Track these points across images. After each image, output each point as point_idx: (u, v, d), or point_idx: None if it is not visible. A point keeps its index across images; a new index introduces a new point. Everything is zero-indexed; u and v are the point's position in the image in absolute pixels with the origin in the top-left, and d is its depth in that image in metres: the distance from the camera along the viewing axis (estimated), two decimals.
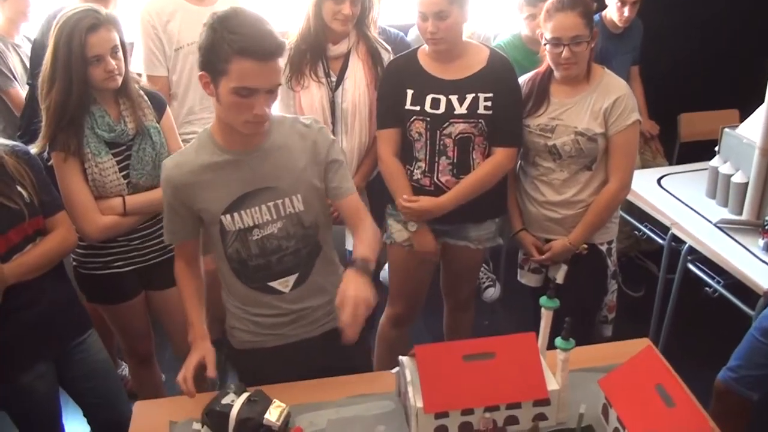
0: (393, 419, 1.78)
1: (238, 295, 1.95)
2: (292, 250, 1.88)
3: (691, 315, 3.46)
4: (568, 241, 2.55)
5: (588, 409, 1.73)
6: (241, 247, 1.86)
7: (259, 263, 1.87)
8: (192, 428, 1.76)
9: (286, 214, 1.84)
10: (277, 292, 1.91)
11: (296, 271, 1.91)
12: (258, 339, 1.98)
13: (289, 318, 1.95)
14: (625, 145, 2.46)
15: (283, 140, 1.83)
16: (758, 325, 2.34)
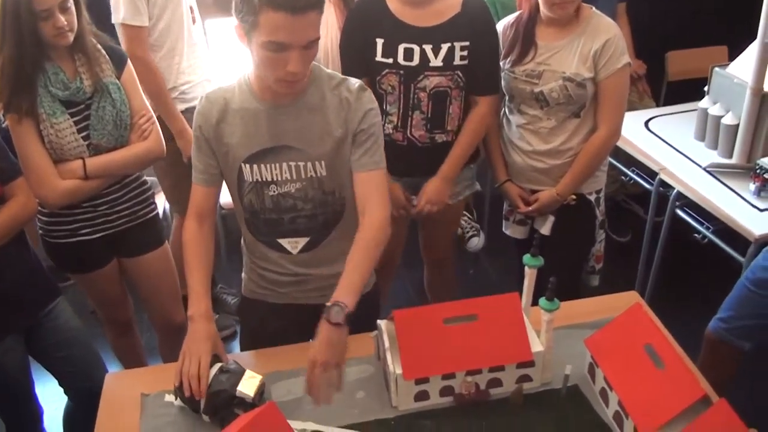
0: (372, 384, 1.72)
1: (248, 244, 1.91)
2: (307, 214, 1.79)
3: (679, 262, 3.41)
4: (556, 192, 2.46)
5: (574, 369, 1.67)
6: (255, 198, 1.78)
7: (271, 218, 1.80)
8: (164, 400, 1.69)
9: (306, 177, 1.75)
10: (284, 251, 1.85)
11: (308, 236, 1.83)
12: (260, 291, 1.95)
13: (291, 279, 1.89)
14: (615, 90, 2.36)
15: (319, 101, 1.71)
16: (750, 275, 2.28)
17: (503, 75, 2.42)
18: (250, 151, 1.73)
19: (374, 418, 1.62)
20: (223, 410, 1.59)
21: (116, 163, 2.14)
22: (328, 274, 1.86)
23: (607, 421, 1.60)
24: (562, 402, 1.66)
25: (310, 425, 1.60)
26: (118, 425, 1.66)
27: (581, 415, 1.63)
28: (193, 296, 1.73)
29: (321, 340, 1.58)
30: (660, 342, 1.55)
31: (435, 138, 2.38)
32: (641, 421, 1.46)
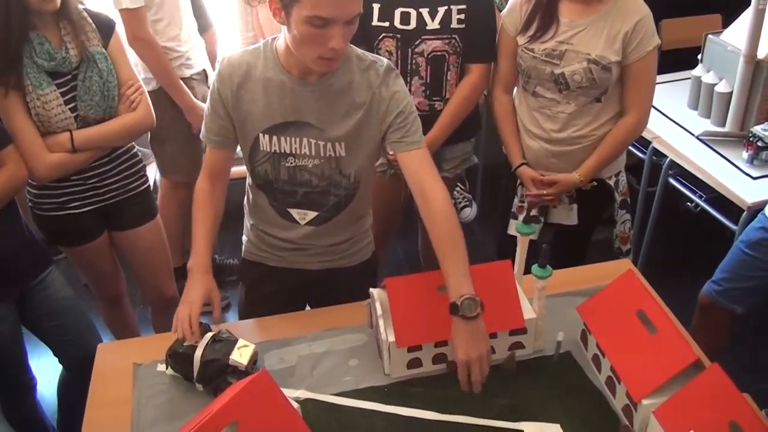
0: (365, 352, 1.72)
1: (254, 206, 1.88)
2: (321, 190, 1.77)
3: (672, 230, 3.42)
4: (578, 177, 2.33)
5: (566, 335, 1.67)
6: (271, 169, 1.76)
7: (285, 189, 1.79)
8: (156, 370, 1.69)
9: (325, 156, 1.72)
10: (292, 220, 1.83)
11: (317, 211, 1.81)
12: (260, 254, 1.94)
13: (293, 246, 1.89)
14: (645, 74, 2.22)
15: (346, 83, 1.67)
16: (745, 238, 2.29)
17: (519, 52, 2.27)
18: (270, 123, 1.70)
19: (367, 386, 1.62)
20: (216, 379, 1.59)
21: (104, 135, 2.11)
22: (330, 243, 1.88)
23: (600, 387, 1.61)
24: (555, 368, 1.66)
25: (303, 393, 1.60)
26: (110, 395, 1.65)
27: (573, 381, 1.63)
28: (194, 249, 1.76)
29: (465, 338, 1.50)
30: (652, 308, 1.55)
31: (434, 106, 2.36)
32: (633, 386, 1.46)
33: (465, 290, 1.51)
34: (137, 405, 1.60)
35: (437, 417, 1.53)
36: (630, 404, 1.49)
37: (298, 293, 1.99)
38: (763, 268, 2.25)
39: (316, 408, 1.56)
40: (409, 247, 3.19)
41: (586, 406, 1.56)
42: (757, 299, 2.35)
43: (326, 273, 1.94)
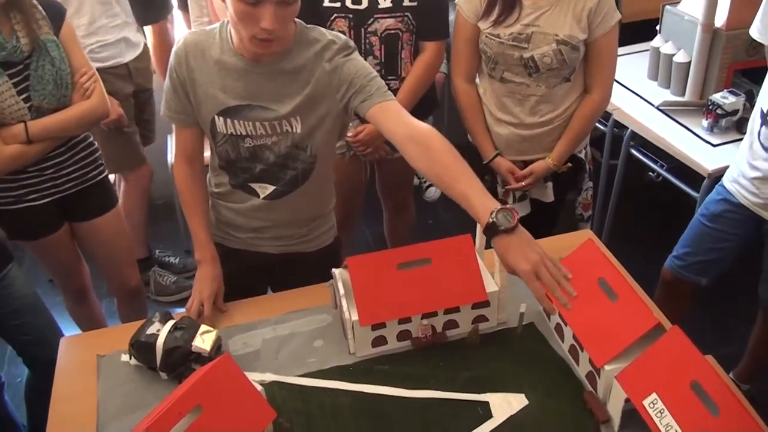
0: (330, 333, 1.71)
1: (219, 184, 1.87)
2: (279, 164, 1.77)
3: (635, 201, 3.44)
4: (552, 162, 2.35)
5: (529, 307, 1.68)
6: (231, 149, 1.75)
7: (247, 166, 1.78)
8: (120, 360, 1.67)
9: (282, 132, 1.71)
10: (253, 193, 1.82)
11: (275, 185, 1.80)
12: (218, 234, 1.94)
13: (252, 226, 1.88)
14: (608, 50, 2.22)
15: (300, 65, 1.65)
16: (705, 211, 2.31)
17: (484, 39, 2.23)
18: (223, 105, 1.68)
19: (333, 366, 1.61)
20: (180, 366, 1.57)
21: (59, 124, 2.07)
22: (289, 221, 1.87)
23: (563, 355, 1.62)
24: (519, 340, 1.67)
25: (268, 376, 1.59)
26: (75, 388, 1.63)
27: (537, 351, 1.64)
28: (197, 243, 1.81)
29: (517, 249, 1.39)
30: (613, 276, 1.55)
31: (390, 85, 2.32)
32: (596, 352, 1.47)
33: (492, 204, 1.40)
34: (102, 396, 1.58)
35: (403, 393, 1.53)
36: (593, 371, 1.50)
37: (258, 276, 1.98)
38: (727, 239, 2.28)
39: (282, 390, 1.56)
40: (376, 228, 3.19)
41: (551, 374, 1.57)
42: (721, 269, 2.37)
43: (286, 258, 1.93)
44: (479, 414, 1.48)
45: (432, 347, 1.64)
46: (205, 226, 1.83)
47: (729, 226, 2.24)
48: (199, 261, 1.81)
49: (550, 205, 2.48)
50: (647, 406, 1.32)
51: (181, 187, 1.83)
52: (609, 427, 1.45)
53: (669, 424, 1.27)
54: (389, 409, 1.50)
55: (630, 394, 1.36)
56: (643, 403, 1.33)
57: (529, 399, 1.51)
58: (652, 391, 1.33)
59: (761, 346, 2.53)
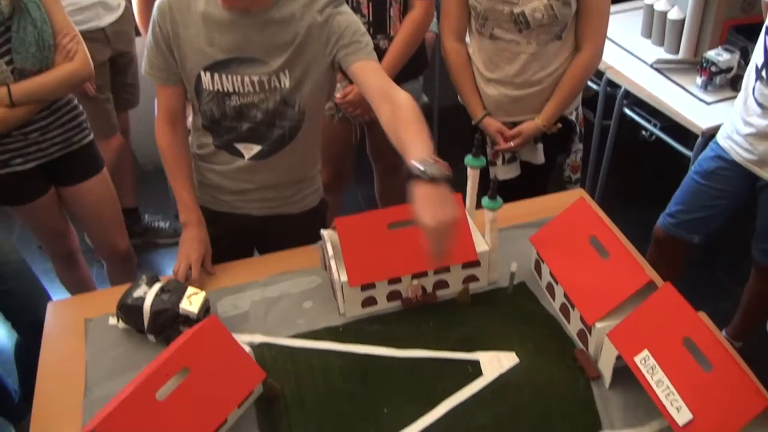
0: (320, 294, 1.70)
1: (202, 146, 1.83)
2: (266, 123, 1.73)
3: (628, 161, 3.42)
4: (541, 123, 2.30)
5: (520, 266, 1.66)
6: (216, 108, 1.71)
7: (232, 125, 1.74)
8: (108, 324, 1.66)
9: (270, 89, 1.67)
10: (237, 154, 1.79)
11: (261, 144, 1.77)
12: (202, 196, 1.90)
13: (236, 188, 1.85)
14: (600, 5, 2.16)
15: (288, 14, 1.61)
16: (699, 168, 2.29)
17: None
18: (211, 59, 1.64)
19: (322, 327, 1.60)
20: (168, 329, 1.56)
21: (43, 87, 2.03)
22: (274, 184, 1.85)
23: (554, 314, 1.61)
24: (509, 299, 1.66)
25: (257, 338, 1.58)
26: (63, 352, 1.62)
27: (528, 310, 1.63)
28: (182, 205, 1.78)
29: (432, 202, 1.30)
30: (604, 233, 1.54)
31: (379, 44, 2.29)
32: (587, 310, 1.46)
33: (429, 156, 1.34)
34: (90, 360, 1.57)
35: (393, 353, 1.52)
36: (584, 329, 1.49)
37: (243, 239, 1.95)
38: (720, 197, 2.26)
39: (271, 351, 1.54)
40: (368, 191, 3.16)
41: (541, 333, 1.56)
42: (714, 226, 2.36)
43: (271, 220, 1.91)
44: (469, 372, 1.47)
45: (422, 307, 1.63)
46: (190, 188, 1.80)
47: (722, 184, 2.22)
48: (184, 223, 1.78)
49: (540, 168, 2.45)
50: (638, 362, 1.31)
51: (164, 149, 1.79)
52: (600, 384, 1.44)
53: (660, 380, 1.26)
54: (379, 368, 1.49)
55: (621, 350, 1.35)
56: (634, 360, 1.32)
57: (519, 357, 1.50)
58: (644, 347, 1.32)
59: (754, 304, 2.54)
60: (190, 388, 1.29)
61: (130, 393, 1.23)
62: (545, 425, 1.36)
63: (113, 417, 1.20)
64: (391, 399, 1.42)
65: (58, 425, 1.43)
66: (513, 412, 1.39)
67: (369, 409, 1.41)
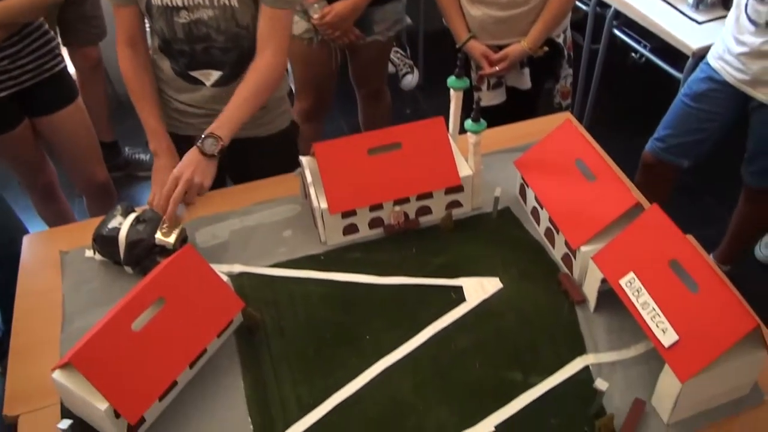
0: (300, 222, 1.66)
1: (160, 70, 1.78)
2: (220, 46, 1.67)
3: (617, 86, 3.36)
4: (527, 46, 2.23)
5: (504, 191, 1.63)
6: (165, 27, 1.64)
7: (184, 49, 1.68)
8: (84, 256, 1.62)
9: (219, 5, 1.61)
10: (198, 83, 1.74)
11: (221, 69, 1.72)
12: (170, 122, 1.84)
13: (202, 112, 1.80)
14: None
15: None
16: (689, 91, 2.24)
17: None
18: None
19: (303, 255, 1.57)
20: (145, 260, 1.52)
21: (8, 10, 1.94)
22: None
23: (539, 239, 1.58)
24: (493, 225, 1.63)
25: (237, 267, 1.55)
26: (40, 285, 1.58)
27: (512, 235, 1.60)
28: (151, 133, 1.73)
29: (190, 163, 1.59)
30: (591, 156, 1.50)
31: None
32: (572, 234, 1.43)
33: (219, 131, 1.60)
34: (67, 292, 1.54)
35: (375, 280, 1.49)
36: (569, 253, 1.46)
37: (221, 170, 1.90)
38: (711, 119, 2.22)
39: (251, 281, 1.51)
40: (352, 119, 3.10)
41: (525, 258, 1.53)
42: (704, 150, 2.32)
43: (240, 144, 1.85)
44: (452, 298, 1.44)
45: (404, 234, 1.60)
46: (157, 114, 1.74)
47: (713, 105, 2.18)
48: (155, 151, 1.72)
49: (526, 93, 2.39)
50: (624, 285, 1.29)
51: (128, 74, 1.72)
52: (584, 308, 1.42)
53: (646, 302, 1.24)
54: (360, 295, 1.47)
55: (606, 273, 1.33)
56: (619, 283, 1.29)
57: (503, 282, 1.47)
58: (629, 270, 1.29)
59: (742, 227, 2.52)
60: (167, 319, 1.26)
61: (104, 324, 1.20)
62: (529, 349, 1.35)
63: (87, 349, 1.17)
64: (373, 326, 1.40)
65: (35, 359, 1.40)
66: (496, 337, 1.37)
67: (351, 336, 1.39)
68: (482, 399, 1.27)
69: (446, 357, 1.34)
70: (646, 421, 1.23)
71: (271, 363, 1.35)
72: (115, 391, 1.17)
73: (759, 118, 2.14)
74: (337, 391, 1.30)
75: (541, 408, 1.25)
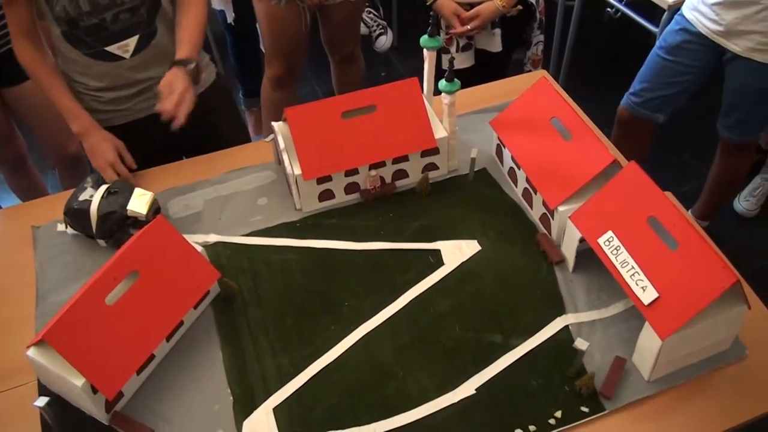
0: (275, 190, 1.63)
1: (74, 65, 1.69)
2: (128, 6, 1.61)
3: (592, 45, 3.33)
4: (501, 4, 2.16)
5: (481, 152, 1.61)
6: (68, 3, 1.57)
7: (92, 23, 1.61)
8: (56, 230, 1.59)
9: None
10: (116, 59, 1.67)
11: (136, 32, 1.65)
12: (100, 117, 1.74)
13: (132, 90, 1.74)
14: None
15: None
16: (663, 44, 2.22)
17: None
18: None
19: (279, 223, 1.55)
20: (118, 232, 1.50)
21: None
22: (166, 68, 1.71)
23: (517, 200, 1.57)
24: (470, 186, 1.61)
25: (212, 237, 1.53)
26: (12, 261, 1.55)
27: (490, 196, 1.59)
28: (70, 114, 1.66)
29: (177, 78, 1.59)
30: (567, 114, 1.48)
31: None
32: (549, 194, 1.42)
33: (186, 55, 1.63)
34: (40, 267, 1.51)
35: (352, 246, 1.48)
36: (547, 213, 1.45)
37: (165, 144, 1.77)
38: (686, 72, 2.20)
39: (226, 250, 1.49)
40: (326, 85, 3.05)
41: (503, 219, 1.52)
42: (679, 104, 2.31)
43: None
44: (430, 262, 1.43)
45: (381, 199, 1.58)
46: (70, 94, 1.66)
47: (688, 58, 2.16)
48: (80, 132, 1.66)
49: (496, 57, 2.34)
50: (602, 244, 1.28)
51: (30, 63, 1.64)
52: (563, 268, 1.42)
53: (625, 260, 1.24)
54: (338, 261, 1.45)
55: (584, 233, 1.32)
56: (597, 242, 1.29)
57: (481, 245, 1.46)
58: (608, 229, 1.28)
59: (720, 182, 2.51)
60: (141, 292, 1.24)
61: (76, 300, 1.18)
62: (508, 311, 1.34)
63: (61, 325, 1.15)
64: (351, 292, 1.39)
65: (10, 337, 1.38)
66: (476, 300, 1.36)
67: (329, 302, 1.38)
68: (463, 362, 1.27)
69: (426, 321, 1.33)
70: (627, 379, 1.24)
71: (249, 333, 1.34)
72: (91, 367, 1.15)
73: (733, 70, 2.13)
74: (317, 358, 1.29)
75: (521, 369, 1.26)
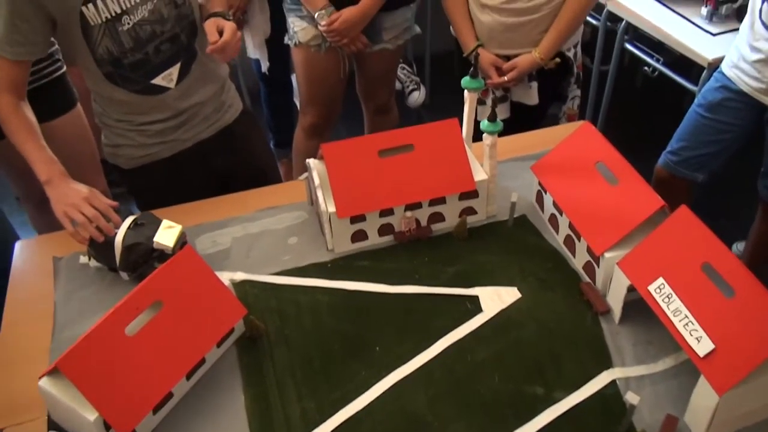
0: (306, 230, 1.58)
1: (119, 106, 1.69)
2: (168, 36, 1.61)
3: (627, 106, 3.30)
4: (539, 56, 2.14)
5: (521, 198, 1.55)
6: (111, 43, 1.57)
7: (136, 59, 1.60)
8: (79, 262, 1.54)
9: None
10: (162, 90, 1.66)
11: (178, 60, 1.65)
12: (149, 152, 1.76)
13: (178, 120, 1.73)
14: None
15: None
16: (703, 101, 2.17)
17: None
18: None
19: (309, 263, 1.49)
20: (142, 265, 1.45)
21: None
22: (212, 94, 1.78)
23: (558, 247, 1.50)
24: (509, 233, 1.55)
25: (239, 275, 1.47)
26: (30, 293, 1.51)
27: (530, 243, 1.52)
28: (41, 164, 1.55)
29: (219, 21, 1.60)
30: (612, 158, 1.42)
31: None
32: (594, 240, 1.35)
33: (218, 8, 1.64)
34: (60, 300, 1.46)
35: (385, 289, 1.41)
36: (592, 260, 1.38)
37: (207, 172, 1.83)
38: (726, 130, 2.14)
39: (254, 288, 1.43)
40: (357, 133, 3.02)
41: (544, 266, 1.45)
42: (719, 163, 2.25)
43: (219, 136, 1.83)
44: (468, 308, 1.36)
45: (416, 242, 1.52)
46: (43, 146, 1.59)
47: (728, 116, 2.11)
48: (48, 180, 1.54)
49: (532, 110, 2.30)
50: (653, 291, 1.20)
51: (9, 115, 1.59)
52: (608, 319, 1.34)
53: (678, 309, 1.16)
54: (370, 304, 1.38)
55: (633, 280, 1.24)
56: (648, 289, 1.21)
57: (521, 292, 1.39)
58: (658, 275, 1.21)
59: (760, 245, 2.43)
60: (163, 324, 1.18)
61: (95, 328, 1.12)
62: (551, 362, 1.26)
63: (77, 353, 1.09)
64: (383, 337, 1.32)
65: (23, 370, 1.32)
66: (516, 349, 1.28)
67: (359, 347, 1.30)
68: (502, 415, 1.18)
69: (462, 370, 1.25)
70: None
71: (274, 375, 1.26)
72: (105, 401, 1.08)
73: None
74: (346, 405, 1.21)
75: (566, 425, 1.17)
